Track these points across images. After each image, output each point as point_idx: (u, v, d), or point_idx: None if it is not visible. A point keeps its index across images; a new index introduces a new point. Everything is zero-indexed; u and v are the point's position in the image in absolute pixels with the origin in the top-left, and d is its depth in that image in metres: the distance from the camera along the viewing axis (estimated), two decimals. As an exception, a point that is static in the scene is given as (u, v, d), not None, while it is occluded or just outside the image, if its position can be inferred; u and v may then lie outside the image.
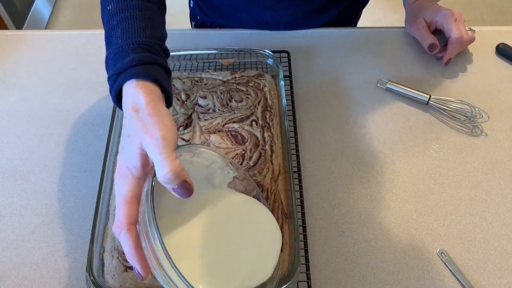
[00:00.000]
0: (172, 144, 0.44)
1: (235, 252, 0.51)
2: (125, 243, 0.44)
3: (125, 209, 0.44)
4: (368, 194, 0.68)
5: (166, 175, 0.42)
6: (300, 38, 0.88)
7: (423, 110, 0.78)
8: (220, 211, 0.54)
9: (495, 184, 0.70)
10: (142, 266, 0.44)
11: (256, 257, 0.51)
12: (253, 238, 0.53)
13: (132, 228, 0.44)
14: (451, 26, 0.80)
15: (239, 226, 0.53)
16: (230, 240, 0.52)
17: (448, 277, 0.61)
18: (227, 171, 0.57)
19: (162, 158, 0.42)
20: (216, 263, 0.49)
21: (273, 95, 0.74)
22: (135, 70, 0.49)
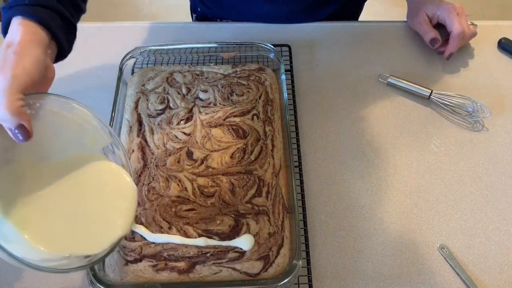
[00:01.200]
0: (20, 86, 0.44)
1: (76, 215, 0.49)
2: None
3: None
4: (369, 188, 0.68)
5: (2, 113, 0.42)
6: (302, 31, 0.88)
7: (424, 104, 0.78)
8: (79, 171, 0.52)
9: (496, 179, 0.70)
10: None
11: (96, 228, 0.50)
12: (101, 209, 0.51)
13: None
14: (453, 20, 0.80)
15: (93, 192, 0.52)
16: (76, 204, 0.50)
17: (448, 272, 0.61)
18: (101, 134, 0.54)
19: (3, 97, 0.42)
20: (49, 218, 0.48)
21: (274, 89, 0.74)
22: (24, 8, 0.49)
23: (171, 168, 0.64)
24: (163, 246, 0.57)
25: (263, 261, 0.57)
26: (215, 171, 0.63)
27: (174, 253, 0.57)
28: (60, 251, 0.46)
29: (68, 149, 0.52)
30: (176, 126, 0.68)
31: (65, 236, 0.48)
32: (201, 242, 0.57)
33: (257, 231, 0.59)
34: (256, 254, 0.57)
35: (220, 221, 0.59)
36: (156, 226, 0.59)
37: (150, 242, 0.58)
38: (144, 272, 0.56)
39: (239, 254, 0.57)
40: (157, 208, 0.60)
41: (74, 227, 0.49)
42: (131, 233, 0.58)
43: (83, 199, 0.51)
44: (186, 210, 0.60)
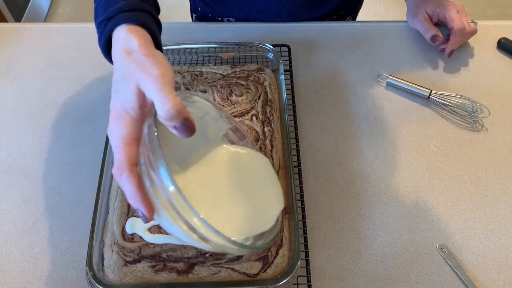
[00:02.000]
0: (171, 82, 0.42)
1: (238, 201, 0.50)
2: (128, 184, 0.41)
3: (125, 150, 0.42)
4: (368, 189, 0.68)
5: (169, 111, 0.41)
6: (301, 32, 0.88)
7: (424, 105, 0.78)
8: (219, 163, 0.52)
9: (495, 180, 0.69)
10: (147, 207, 0.42)
11: (259, 207, 0.51)
12: (255, 189, 0.52)
13: (134, 169, 0.42)
14: (454, 17, 0.80)
15: (241, 177, 0.52)
16: (232, 191, 0.51)
17: (447, 272, 0.61)
18: (221, 123, 0.54)
19: (163, 94, 0.41)
20: (220, 209, 0.49)
21: (274, 89, 0.74)
22: (126, 15, 0.48)
23: (170, 169, 0.64)
24: (162, 247, 0.57)
25: (262, 262, 0.57)
26: (214, 171, 0.63)
27: (173, 253, 0.57)
28: (238, 236, 0.47)
29: (196, 145, 0.52)
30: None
31: (236, 221, 0.48)
32: (200, 242, 0.57)
33: (256, 232, 0.59)
34: (255, 254, 0.57)
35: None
36: (155, 226, 0.59)
37: (149, 243, 0.58)
38: (143, 272, 0.56)
39: (238, 254, 0.57)
40: (156, 209, 0.60)
41: (240, 213, 0.50)
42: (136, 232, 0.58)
43: (234, 187, 0.51)
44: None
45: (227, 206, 0.50)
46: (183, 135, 0.42)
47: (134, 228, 0.59)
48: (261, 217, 0.51)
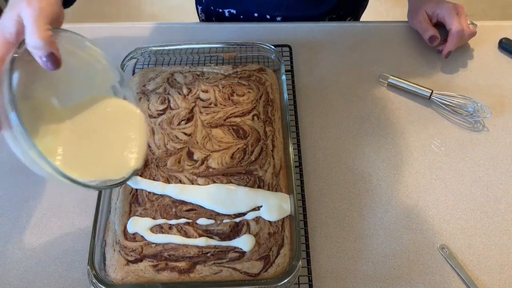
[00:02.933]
0: (48, 18, 0.46)
1: (100, 147, 0.53)
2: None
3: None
4: (369, 189, 0.68)
5: (35, 41, 0.44)
6: (302, 32, 0.88)
7: (425, 105, 0.78)
8: (95, 109, 0.54)
9: (496, 180, 0.70)
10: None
11: (117, 158, 0.53)
12: (120, 142, 0.54)
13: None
14: (452, 19, 0.80)
15: (111, 127, 0.55)
16: (97, 137, 0.53)
17: (448, 272, 0.61)
18: (111, 75, 0.56)
19: (35, 25, 0.44)
20: (80, 149, 0.51)
21: (275, 89, 0.74)
22: None
23: (172, 169, 0.64)
24: (163, 246, 0.58)
25: (263, 261, 0.57)
26: (215, 171, 0.64)
27: (174, 253, 0.57)
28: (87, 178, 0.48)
29: (80, 88, 0.54)
30: (176, 126, 0.68)
31: (88, 165, 0.50)
32: (202, 242, 0.58)
33: (257, 231, 0.59)
34: (256, 254, 0.57)
35: (221, 221, 0.59)
36: (156, 226, 0.59)
37: (150, 242, 0.58)
38: (144, 272, 0.56)
39: (240, 254, 0.57)
40: (158, 209, 0.61)
41: (94, 158, 0.52)
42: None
43: (99, 133, 0.53)
44: (187, 210, 0.61)
45: (87, 148, 0.52)
46: (46, 67, 0.46)
47: (136, 227, 0.59)
48: (115, 167, 0.53)
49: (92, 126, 0.54)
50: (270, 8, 0.89)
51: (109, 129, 0.55)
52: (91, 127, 0.53)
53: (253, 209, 0.60)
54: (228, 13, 0.95)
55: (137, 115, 0.56)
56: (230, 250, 0.58)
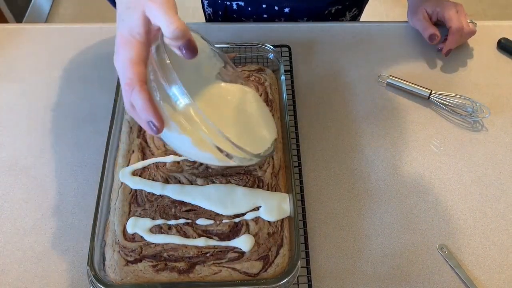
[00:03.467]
0: (175, 8, 0.46)
1: (237, 128, 0.56)
2: (139, 98, 0.45)
3: (135, 69, 0.46)
4: (368, 189, 0.68)
5: (174, 31, 0.44)
6: (301, 32, 0.88)
7: (424, 105, 0.78)
8: (215, 97, 0.57)
9: (495, 180, 0.70)
10: (158, 117, 0.46)
11: (256, 133, 0.57)
12: (251, 119, 0.58)
13: (144, 85, 0.46)
14: (452, 17, 0.80)
15: (237, 109, 0.58)
16: (230, 120, 0.56)
17: (448, 272, 0.61)
18: (214, 61, 0.57)
19: (169, 17, 0.44)
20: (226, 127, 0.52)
21: (274, 89, 0.74)
22: None
23: (171, 169, 0.64)
24: (163, 246, 0.58)
25: (263, 261, 0.57)
26: (214, 171, 0.64)
27: (174, 253, 0.57)
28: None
29: (192, 80, 0.55)
30: (176, 126, 0.68)
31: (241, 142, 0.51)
32: (201, 242, 0.58)
33: (256, 231, 0.59)
34: (255, 254, 0.57)
35: (220, 221, 0.60)
36: (156, 226, 0.59)
37: (150, 243, 0.58)
38: (144, 272, 0.56)
39: (239, 254, 0.57)
40: (157, 209, 0.61)
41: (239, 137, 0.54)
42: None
43: (232, 117, 0.57)
44: (186, 210, 0.61)
45: (229, 130, 0.53)
46: (187, 55, 0.46)
47: (135, 228, 0.59)
48: (259, 141, 0.56)
49: (219, 114, 0.55)
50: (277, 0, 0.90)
51: (234, 113, 0.57)
52: (219, 115, 0.55)
53: (253, 209, 0.61)
54: (236, 5, 0.95)
55: (250, 93, 0.60)
56: (230, 250, 0.58)
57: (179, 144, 0.49)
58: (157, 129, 0.46)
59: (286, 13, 0.95)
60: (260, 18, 0.96)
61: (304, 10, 0.94)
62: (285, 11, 0.94)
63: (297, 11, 0.94)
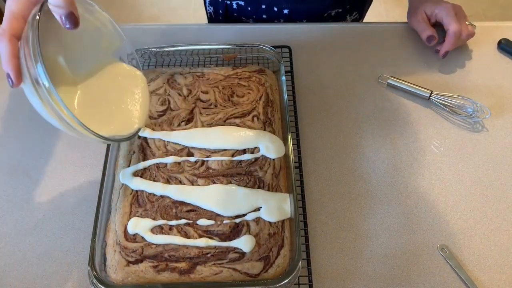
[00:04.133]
0: None
1: (106, 107, 0.57)
2: (5, 49, 0.47)
3: (11, 22, 0.48)
4: (369, 189, 0.68)
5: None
6: (302, 33, 0.88)
7: (424, 105, 0.78)
8: (102, 72, 0.58)
9: (495, 180, 0.70)
10: (16, 73, 0.47)
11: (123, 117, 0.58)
12: (125, 102, 0.59)
13: (14, 40, 0.48)
14: (451, 19, 0.80)
15: (116, 89, 0.59)
16: (104, 97, 0.57)
17: (448, 272, 0.61)
18: (115, 38, 0.59)
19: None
20: (88, 106, 0.54)
21: (275, 90, 0.74)
22: None
23: (172, 169, 0.64)
24: (164, 247, 0.58)
25: (264, 262, 0.57)
26: (215, 172, 0.64)
27: (175, 253, 0.57)
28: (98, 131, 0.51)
29: (86, 51, 0.57)
30: (177, 127, 0.68)
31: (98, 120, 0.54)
32: (202, 243, 0.58)
33: (257, 232, 0.59)
34: (256, 254, 0.57)
35: (221, 222, 0.60)
36: (157, 227, 0.59)
37: (151, 243, 0.58)
38: (145, 272, 0.56)
39: (240, 254, 0.57)
40: (158, 209, 0.61)
41: (105, 116, 0.56)
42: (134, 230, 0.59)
43: (106, 94, 0.58)
44: (187, 211, 0.61)
45: (95, 106, 0.55)
46: (67, 26, 0.48)
47: (136, 228, 0.59)
48: (124, 125, 0.58)
49: (100, 88, 0.57)
50: (278, 0, 0.90)
51: (115, 91, 0.58)
52: (99, 89, 0.56)
53: (253, 210, 0.61)
54: (236, 4, 0.96)
55: (140, 77, 0.61)
56: (230, 250, 0.58)
57: (34, 102, 0.50)
58: (12, 83, 0.48)
59: (285, 15, 0.95)
60: (260, 18, 0.97)
61: (303, 12, 0.94)
62: (284, 12, 0.94)
63: (296, 13, 0.94)
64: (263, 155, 0.65)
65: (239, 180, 0.63)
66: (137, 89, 0.61)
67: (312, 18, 0.96)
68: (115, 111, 0.58)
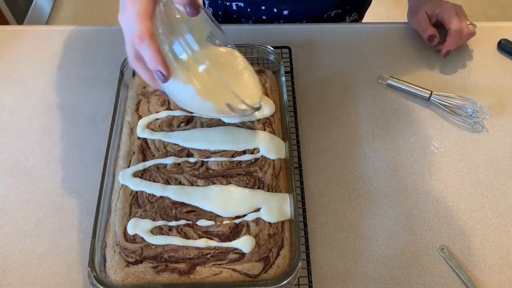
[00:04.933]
0: None
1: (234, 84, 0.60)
2: (149, 50, 0.49)
3: (144, 23, 0.50)
4: (369, 190, 0.68)
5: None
6: (302, 33, 0.88)
7: (424, 106, 0.78)
8: (209, 56, 0.61)
9: (495, 180, 0.70)
10: (166, 67, 0.50)
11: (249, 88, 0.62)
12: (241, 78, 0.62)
13: (153, 38, 0.50)
14: (451, 19, 0.80)
15: (230, 68, 0.63)
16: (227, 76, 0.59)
17: (448, 272, 0.61)
18: (205, 25, 0.60)
19: None
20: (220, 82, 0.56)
21: (274, 91, 0.74)
22: None
23: (172, 170, 0.64)
24: (163, 247, 0.58)
25: (263, 262, 0.57)
26: (215, 173, 0.64)
27: (174, 254, 0.57)
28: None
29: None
30: (176, 128, 0.68)
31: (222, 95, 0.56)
32: (202, 243, 0.58)
33: (257, 233, 0.59)
34: (256, 255, 0.57)
35: (220, 222, 0.60)
36: (156, 227, 0.59)
37: (150, 244, 0.58)
38: (144, 273, 0.56)
39: (239, 255, 0.57)
40: (158, 210, 0.61)
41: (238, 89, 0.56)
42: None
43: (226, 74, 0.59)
44: (186, 211, 0.61)
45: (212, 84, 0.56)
46: (190, 12, 0.52)
47: (136, 229, 0.59)
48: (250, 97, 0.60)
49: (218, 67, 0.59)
50: (278, 1, 0.90)
51: (228, 71, 0.61)
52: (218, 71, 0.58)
53: (253, 211, 0.61)
54: (235, 6, 0.96)
55: (239, 56, 0.64)
56: (230, 251, 0.58)
57: (182, 95, 0.54)
58: (164, 77, 0.50)
59: (285, 16, 0.95)
60: (260, 19, 0.97)
61: (303, 13, 0.94)
62: (284, 13, 0.94)
63: (296, 14, 0.94)
64: (263, 156, 0.65)
65: (238, 180, 0.63)
66: (241, 65, 0.63)
67: (311, 19, 0.96)
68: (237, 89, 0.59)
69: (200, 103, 0.55)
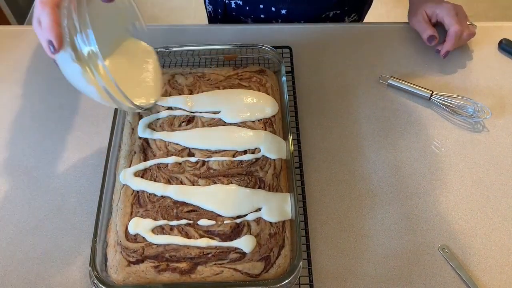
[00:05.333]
0: None
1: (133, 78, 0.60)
2: (48, 17, 0.49)
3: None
4: (369, 189, 0.68)
5: None
6: (302, 33, 0.88)
7: (425, 106, 0.78)
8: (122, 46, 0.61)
9: (496, 180, 0.70)
10: (58, 40, 0.50)
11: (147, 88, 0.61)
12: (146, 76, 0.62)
13: (55, 8, 0.50)
14: (451, 19, 0.80)
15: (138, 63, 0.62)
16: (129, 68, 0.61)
17: (449, 272, 0.61)
18: (129, 14, 0.61)
19: None
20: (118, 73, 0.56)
21: (275, 90, 0.74)
22: None
23: (173, 170, 0.64)
24: (165, 247, 0.58)
25: (264, 262, 0.57)
26: (216, 172, 0.64)
27: (175, 254, 0.57)
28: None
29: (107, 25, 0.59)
30: (177, 127, 0.69)
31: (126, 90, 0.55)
32: (203, 243, 0.58)
33: (258, 232, 0.59)
34: (257, 255, 0.57)
35: (221, 222, 0.60)
36: (158, 227, 0.59)
37: (152, 243, 0.58)
38: (146, 273, 0.56)
39: (240, 254, 0.58)
40: (159, 210, 0.61)
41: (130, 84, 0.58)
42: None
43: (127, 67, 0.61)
44: (188, 211, 0.61)
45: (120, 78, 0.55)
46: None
47: (137, 228, 0.59)
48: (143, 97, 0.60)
49: (121, 62, 0.59)
50: (277, 0, 0.90)
51: (133, 65, 0.61)
52: (120, 63, 0.59)
53: (254, 210, 0.61)
54: (234, 4, 0.96)
55: (152, 54, 0.64)
56: (231, 251, 0.58)
57: (70, 71, 0.53)
58: (54, 49, 0.50)
59: (283, 15, 0.95)
60: (258, 17, 0.97)
61: (301, 13, 0.94)
62: (282, 12, 0.94)
63: (294, 14, 0.95)
64: (263, 156, 0.65)
65: (239, 180, 0.63)
66: (150, 64, 0.63)
67: (310, 19, 0.96)
68: (134, 84, 0.60)
69: (84, 85, 0.54)
